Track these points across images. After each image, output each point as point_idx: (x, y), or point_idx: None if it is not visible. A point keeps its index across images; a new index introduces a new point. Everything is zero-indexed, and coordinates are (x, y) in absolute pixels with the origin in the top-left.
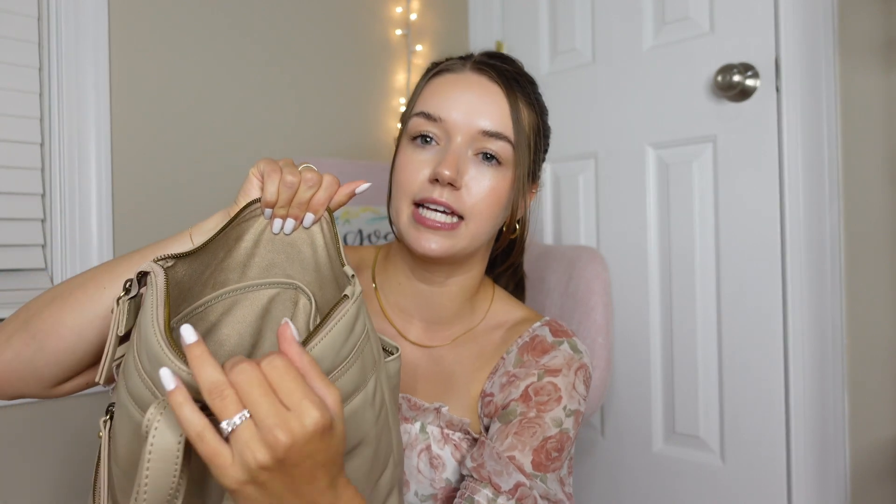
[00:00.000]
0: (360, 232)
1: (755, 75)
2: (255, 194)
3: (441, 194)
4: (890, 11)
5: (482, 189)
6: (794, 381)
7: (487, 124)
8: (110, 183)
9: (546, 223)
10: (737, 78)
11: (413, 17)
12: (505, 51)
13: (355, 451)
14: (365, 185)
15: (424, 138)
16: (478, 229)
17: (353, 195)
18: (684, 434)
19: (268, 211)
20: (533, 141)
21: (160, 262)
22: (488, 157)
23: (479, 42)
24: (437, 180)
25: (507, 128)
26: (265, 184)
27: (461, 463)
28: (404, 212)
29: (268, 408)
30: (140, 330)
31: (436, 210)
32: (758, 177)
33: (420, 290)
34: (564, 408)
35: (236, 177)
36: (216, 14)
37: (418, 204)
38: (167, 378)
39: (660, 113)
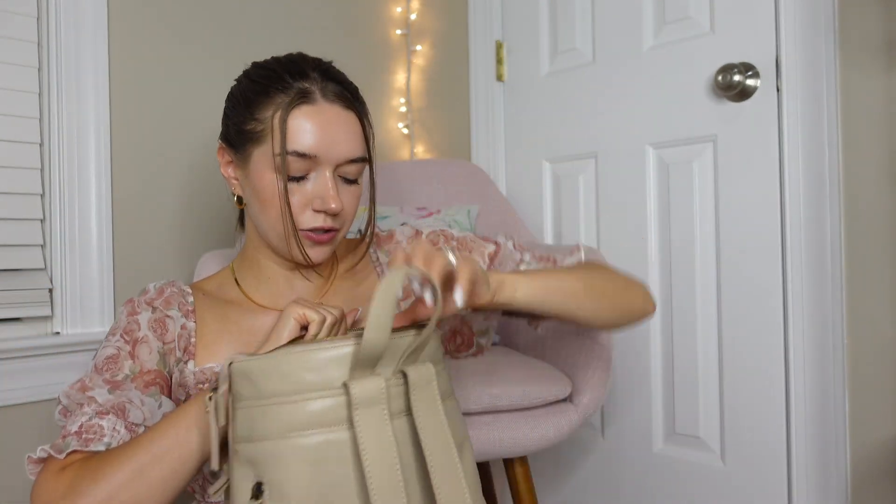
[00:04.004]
0: (360, 231)
1: (755, 75)
2: (288, 335)
3: (326, 221)
4: (890, 11)
5: (351, 203)
6: (795, 381)
7: (351, 153)
8: (110, 183)
9: (546, 223)
10: (737, 78)
11: (413, 17)
12: (505, 51)
13: (463, 447)
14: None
15: (298, 175)
16: (347, 230)
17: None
18: (684, 434)
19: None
20: (373, 147)
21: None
22: (350, 180)
23: (479, 42)
24: (321, 211)
25: (363, 149)
26: (310, 327)
27: None
28: (284, 232)
29: None
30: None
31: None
32: (758, 177)
33: (291, 276)
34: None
35: None
36: (215, 14)
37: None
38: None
39: (660, 113)
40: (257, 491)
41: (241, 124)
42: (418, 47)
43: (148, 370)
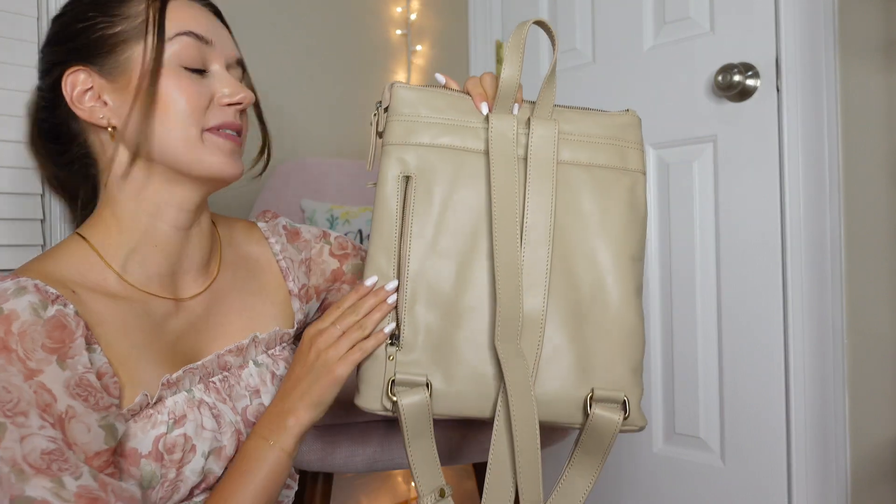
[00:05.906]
0: (360, 232)
1: (755, 75)
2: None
3: (237, 117)
4: (890, 11)
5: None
6: (795, 381)
7: (237, 52)
8: None
9: None
10: (737, 78)
11: (413, 17)
12: (505, 51)
13: None
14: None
15: (197, 67)
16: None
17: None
18: (684, 434)
19: None
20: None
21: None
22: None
23: (479, 42)
24: (232, 104)
25: (240, 55)
26: None
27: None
28: (192, 136)
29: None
30: None
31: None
32: (758, 177)
33: (184, 237)
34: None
35: None
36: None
37: (208, 129)
38: None
39: (660, 113)
40: (405, 183)
41: (105, 30)
42: (418, 47)
43: (97, 453)
